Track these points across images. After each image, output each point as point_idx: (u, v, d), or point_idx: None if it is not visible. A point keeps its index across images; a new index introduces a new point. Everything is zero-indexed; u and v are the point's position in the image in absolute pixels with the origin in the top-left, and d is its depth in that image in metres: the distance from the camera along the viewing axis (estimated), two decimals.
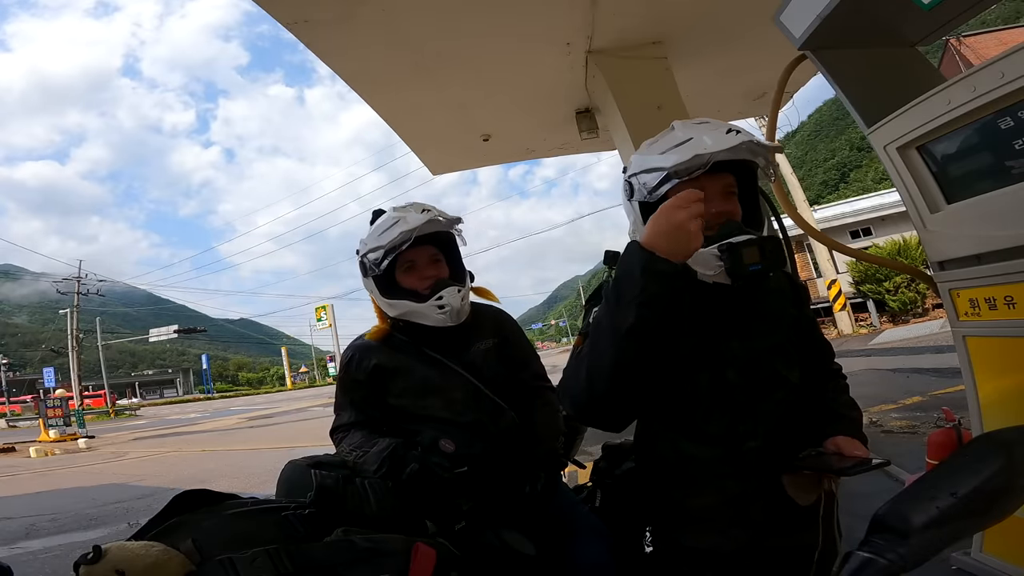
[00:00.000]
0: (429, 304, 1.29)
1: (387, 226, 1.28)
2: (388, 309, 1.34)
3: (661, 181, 0.95)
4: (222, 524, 0.85)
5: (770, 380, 0.99)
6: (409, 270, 1.33)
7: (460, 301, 1.31)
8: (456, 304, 1.30)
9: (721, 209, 0.97)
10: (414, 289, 1.32)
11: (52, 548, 4.08)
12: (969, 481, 0.48)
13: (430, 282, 1.32)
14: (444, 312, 1.28)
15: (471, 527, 1.09)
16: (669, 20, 3.65)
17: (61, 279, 31.79)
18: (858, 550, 0.49)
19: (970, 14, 1.96)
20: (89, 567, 0.69)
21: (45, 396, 20.00)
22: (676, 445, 0.99)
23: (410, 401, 1.31)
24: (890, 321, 14.59)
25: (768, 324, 1.02)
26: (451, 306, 1.29)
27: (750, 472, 0.95)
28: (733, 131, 0.95)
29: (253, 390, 69.76)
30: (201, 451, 10.42)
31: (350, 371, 1.37)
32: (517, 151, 6.00)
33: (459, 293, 1.32)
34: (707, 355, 0.98)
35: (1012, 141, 1.56)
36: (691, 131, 0.98)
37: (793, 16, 2.06)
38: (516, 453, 1.28)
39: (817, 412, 1.02)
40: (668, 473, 1.01)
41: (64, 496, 6.37)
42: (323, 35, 3.31)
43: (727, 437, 0.96)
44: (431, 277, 1.33)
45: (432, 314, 1.29)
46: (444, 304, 1.28)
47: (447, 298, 1.29)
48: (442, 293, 1.29)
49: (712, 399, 0.98)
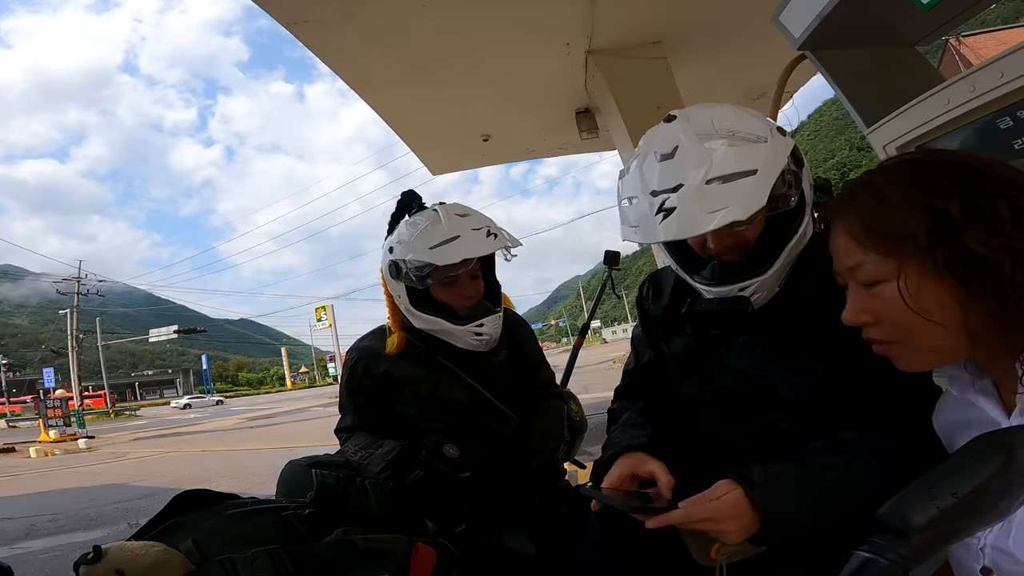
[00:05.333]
0: (467, 329, 1.20)
1: (440, 239, 1.16)
2: (414, 320, 1.25)
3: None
4: (222, 524, 0.85)
5: (762, 398, 0.88)
6: (448, 284, 1.22)
7: (498, 330, 1.24)
8: (495, 334, 1.23)
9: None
10: (449, 305, 1.23)
11: (52, 548, 4.08)
12: (970, 481, 0.48)
13: (469, 302, 1.23)
14: (481, 340, 1.22)
15: (471, 529, 1.09)
16: (669, 20, 3.65)
17: (61, 279, 31.79)
18: (858, 550, 0.48)
19: (969, 14, 1.96)
20: (89, 567, 0.69)
21: (45, 396, 20.01)
22: None
23: (416, 411, 1.27)
24: None
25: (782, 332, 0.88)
26: (490, 336, 1.22)
27: None
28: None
29: (253, 390, 69.86)
30: (201, 451, 10.42)
31: (356, 375, 1.32)
32: (517, 151, 6.01)
33: (498, 320, 1.24)
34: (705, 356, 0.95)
35: (1011, 141, 1.56)
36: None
37: (792, 16, 2.06)
38: (517, 461, 1.26)
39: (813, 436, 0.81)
40: None
41: (64, 496, 6.36)
42: (322, 35, 3.31)
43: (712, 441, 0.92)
44: (471, 297, 1.23)
45: (468, 339, 1.22)
46: (483, 333, 1.21)
47: (488, 327, 1.21)
48: (483, 321, 1.21)
49: (700, 405, 0.96)
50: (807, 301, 0.86)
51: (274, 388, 68.49)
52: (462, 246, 1.15)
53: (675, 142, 0.82)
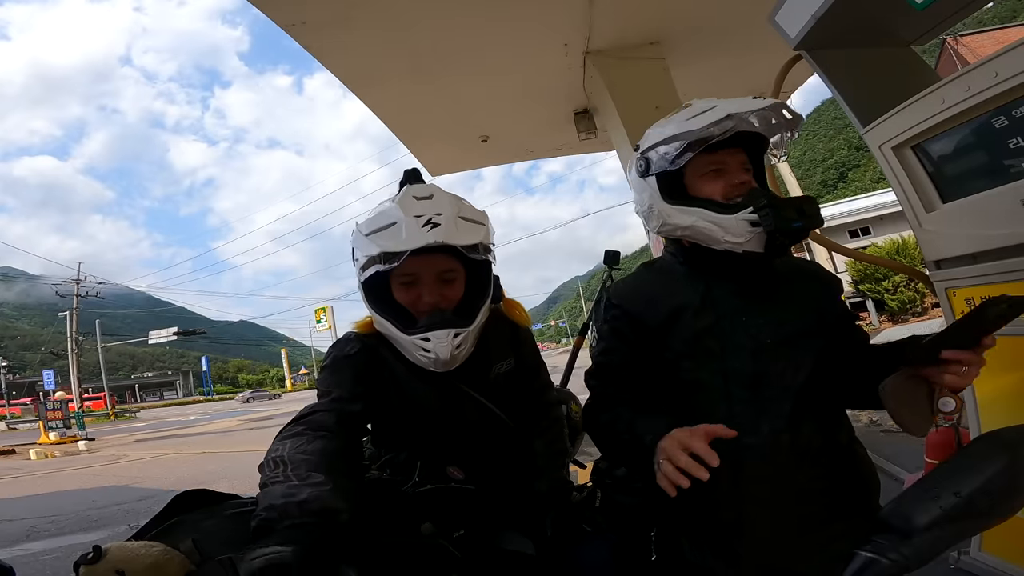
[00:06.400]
0: (411, 340, 0.98)
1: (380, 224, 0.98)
2: (376, 324, 1.05)
3: (685, 148, 0.94)
4: (222, 524, 0.85)
5: (780, 371, 0.92)
6: (406, 285, 1.02)
7: (452, 350, 0.97)
8: (444, 355, 0.96)
9: (743, 180, 0.96)
10: (409, 309, 1.02)
11: (53, 550, 4.08)
12: (973, 481, 0.48)
13: (428, 308, 1.00)
14: (428, 357, 0.97)
15: (471, 534, 1.06)
16: (666, 20, 3.66)
17: (60, 282, 31.76)
18: (861, 550, 0.48)
19: (963, 14, 1.97)
20: (89, 567, 0.69)
21: (45, 399, 20.00)
22: None
23: (417, 424, 1.09)
24: (889, 320, 14.60)
25: (791, 312, 0.96)
26: (437, 356, 0.96)
27: (747, 477, 0.89)
28: (760, 97, 0.94)
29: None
30: (201, 453, 10.40)
31: (357, 361, 1.06)
32: (516, 152, 6.02)
33: (455, 339, 0.97)
34: (714, 341, 0.94)
35: (1007, 140, 1.57)
36: (714, 102, 0.96)
37: (788, 16, 2.07)
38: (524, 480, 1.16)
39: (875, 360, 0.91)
40: None
41: (64, 498, 6.35)
42: (321, 37, 3.32)
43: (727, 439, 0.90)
44: (429, 304, 1.00)
45: (414, 352, 0.99)
46: (430, 351, 0.96)
47: (435, 344, 0.96)
48: (428, 335, 0.97)
49: (714, 390, 0.93)
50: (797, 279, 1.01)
51: (274, 390, 68.41)
52: (394, 235, 0.95)
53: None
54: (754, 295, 0.97)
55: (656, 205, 1.00)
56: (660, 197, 0.99)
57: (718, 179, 0.96)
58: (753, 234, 0.91)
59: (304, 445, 0.86)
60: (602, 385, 1.06)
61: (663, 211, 0.99)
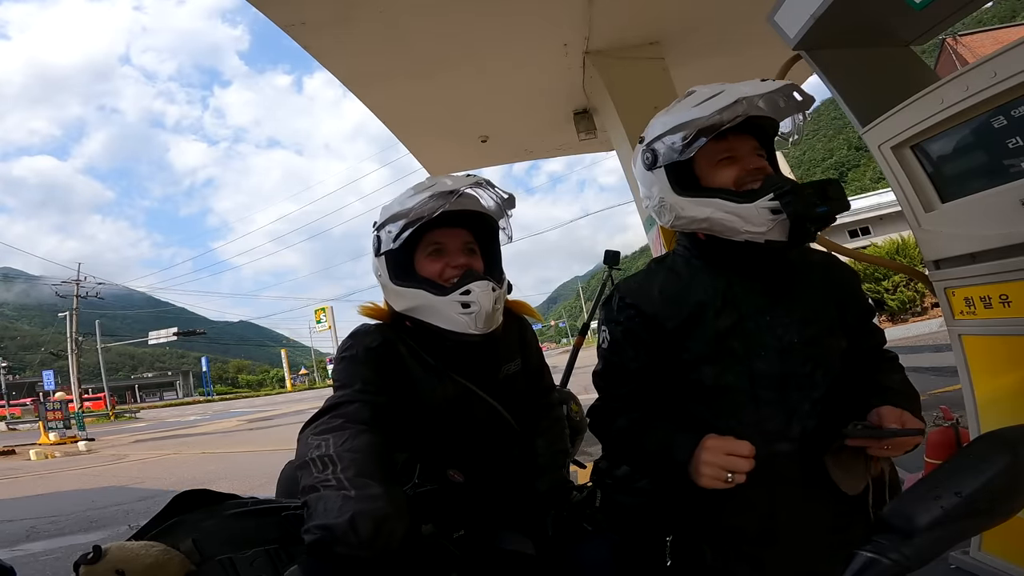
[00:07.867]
0: (450, 299, 0.97)
1: (424, 188, 1.00)
2: (395, 299, 1.04)
3: (695, 136, 0.89)
4: (222, 524, 0.85)
5: (808, 372, 0.90)
6: (434, 255, 1.04)
7: (493, 303, 0.99)
8: (487, 306, 0.97)
9: (758, 165, 0.91)
10: (433, 280, 1.02)
11: (53, 550, 4.08)
12: (974, 480, 0.48)
13: (457, 272, 1.02)
14: (469, 313, 0.96)
15: (471, 534, 1.05)
16: (666, 20, 3.66)
17: (60, 282, 31.74)
18: (861, 550, 0.48)
19: (962, 14, 1.97)
20: (89, 567, 0.69)
21: (45, 399, 19.97)
22: None
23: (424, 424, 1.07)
24: (889, 320, 14.60)
25: (816, 309, 0.93)
26: (479, 305, 0.96)
27: (778, 480, 0.87)
28: (768, 80, 0.90)
29: (253, 392, 69.71)
30: (201, 453, 10.40)
31: (367, 342, 1.03)
32: (515, 152, 6.02)
33: (493, 292, 0.99)
34: (738, 342, 0.91)
35: (1005, 140, 1.57)
36: (720, 86, 0.92)
37: (787, 16, 2.07)
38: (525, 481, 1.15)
39: (864, 390, 0.91)
40: None
41: (64, 498, 6.36)
42: (320, 37, 3.32)
43: (753, 438, 0.84)
44: (460, 267, 1.03)
45: (452, 313, 0.97)
46: (471, 302, 0.96)
47: (476, 293, 0.96)
48: (470, 287, 0.97)
49: (740, 393, 0.90)
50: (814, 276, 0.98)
51: (274, 390, 68.36)
52: (438, 187, 0.99)
53: None
54: (778, 291, 0.93)
55: (668, 198, 0.94)
56: (671, 190, 0.94)
57: (731, 167, 0.91)
58: (775, 222, 0.85)
59: (349, 441, 0.82)
60: (613, 387, 1.02)
61: (676, 204, 0.93)
